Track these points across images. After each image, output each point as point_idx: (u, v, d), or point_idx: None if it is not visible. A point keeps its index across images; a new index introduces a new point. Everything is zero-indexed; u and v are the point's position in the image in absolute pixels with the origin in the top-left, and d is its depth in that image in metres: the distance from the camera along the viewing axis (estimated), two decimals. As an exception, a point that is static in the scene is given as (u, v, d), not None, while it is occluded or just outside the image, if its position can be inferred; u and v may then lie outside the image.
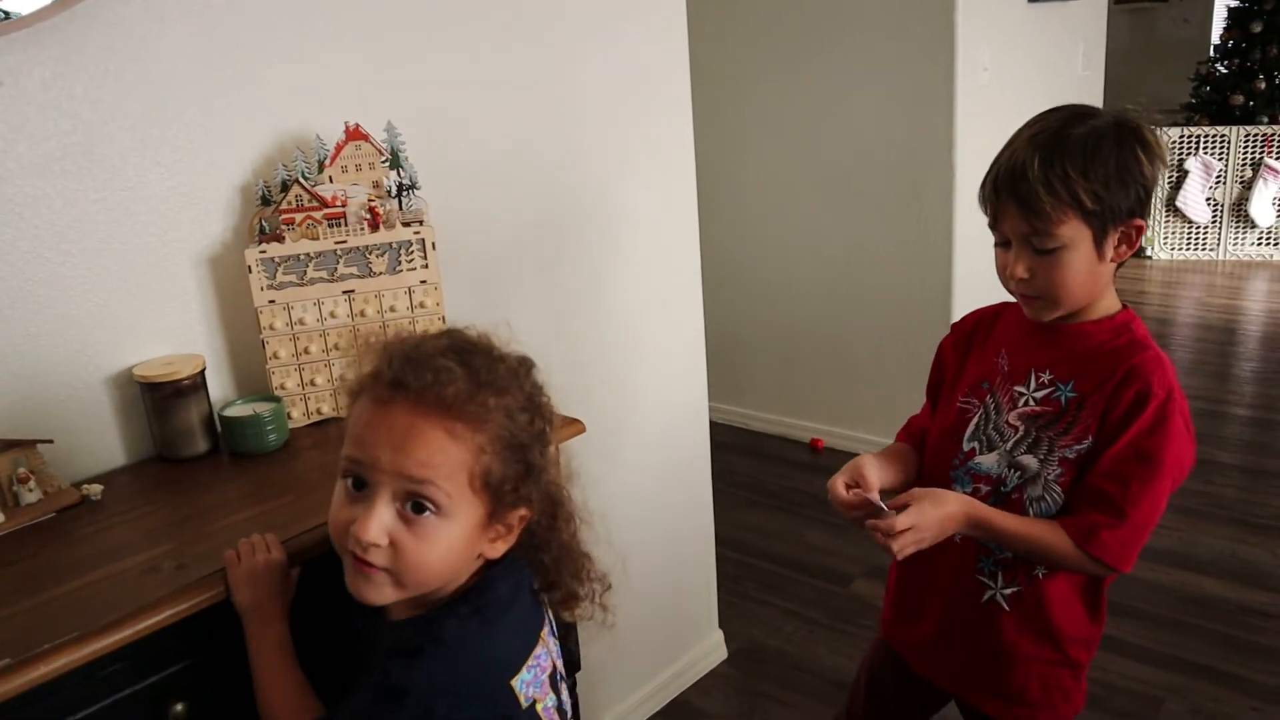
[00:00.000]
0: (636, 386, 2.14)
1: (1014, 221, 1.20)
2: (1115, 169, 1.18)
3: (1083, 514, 1.21)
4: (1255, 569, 2.74)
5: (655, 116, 2.05)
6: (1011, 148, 1.22)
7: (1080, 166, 1.16)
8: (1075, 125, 1.19)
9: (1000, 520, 1.24)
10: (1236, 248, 6.01)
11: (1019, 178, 1.18)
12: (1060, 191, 1.16)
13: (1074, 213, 1.17)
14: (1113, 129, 1.20)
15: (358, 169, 1.40)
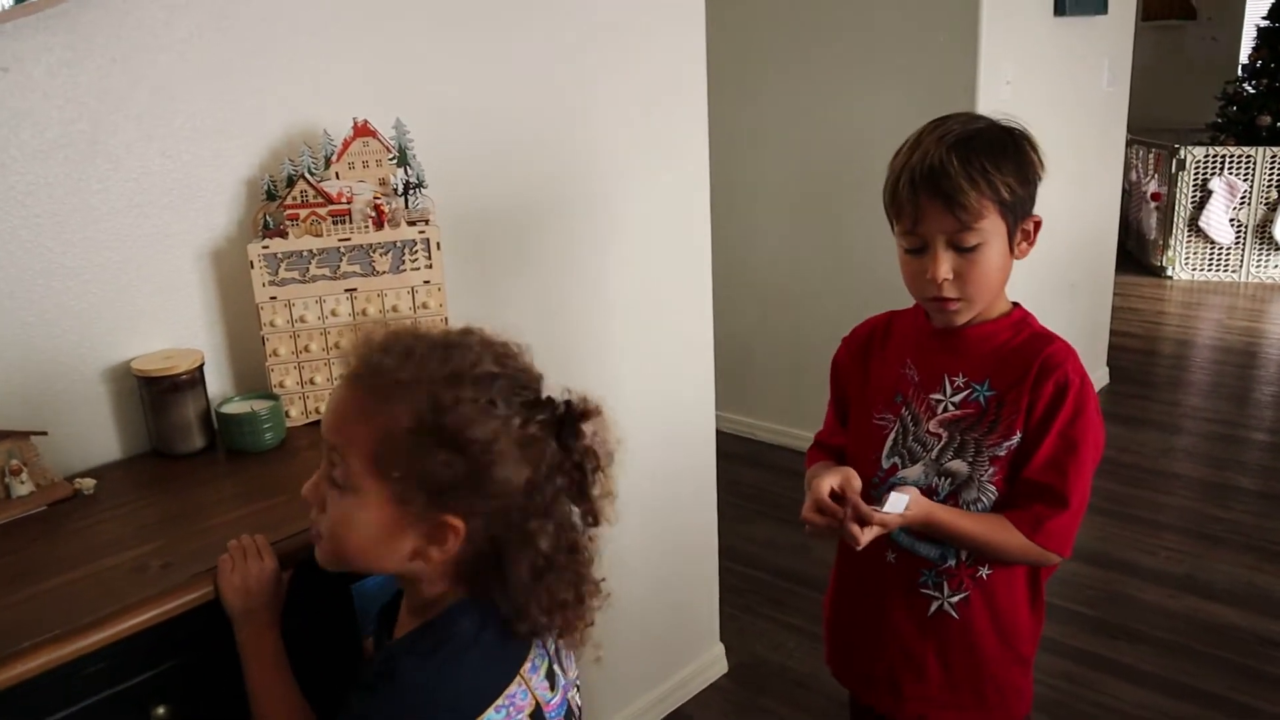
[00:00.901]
0: (642, 393, 2.11)
1: (938, 220, 1.20)
2: (1020, 165, 1.22)
3: (1028, 506, 1.24)
4: (1272, 598, 2.69)
5: (670, 118, 2.02)
6: (920, 149, 1.21)
7: (995, 161, 1.19)
8: (976, 125, 1.22)
9: (953, 517, 1.25)
10: (1260, 270, 5.93)
11: (940, 175, 1.18)
12: (982, 185, 1.18)
13: (994, 206, 1.20)
14: (1006, 130, 1.24)
15: (364, 166, 1.38)
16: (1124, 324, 5.06)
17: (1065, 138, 3.64)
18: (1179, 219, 6.01)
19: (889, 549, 1.34)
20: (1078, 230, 3.90)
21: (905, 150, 1.24)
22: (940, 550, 1.31)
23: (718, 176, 3.79)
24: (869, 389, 1.37)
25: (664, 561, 2.25)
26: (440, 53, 1.59)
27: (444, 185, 1.55)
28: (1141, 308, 5.58)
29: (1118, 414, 4.04)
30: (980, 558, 1.30)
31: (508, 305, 1.79)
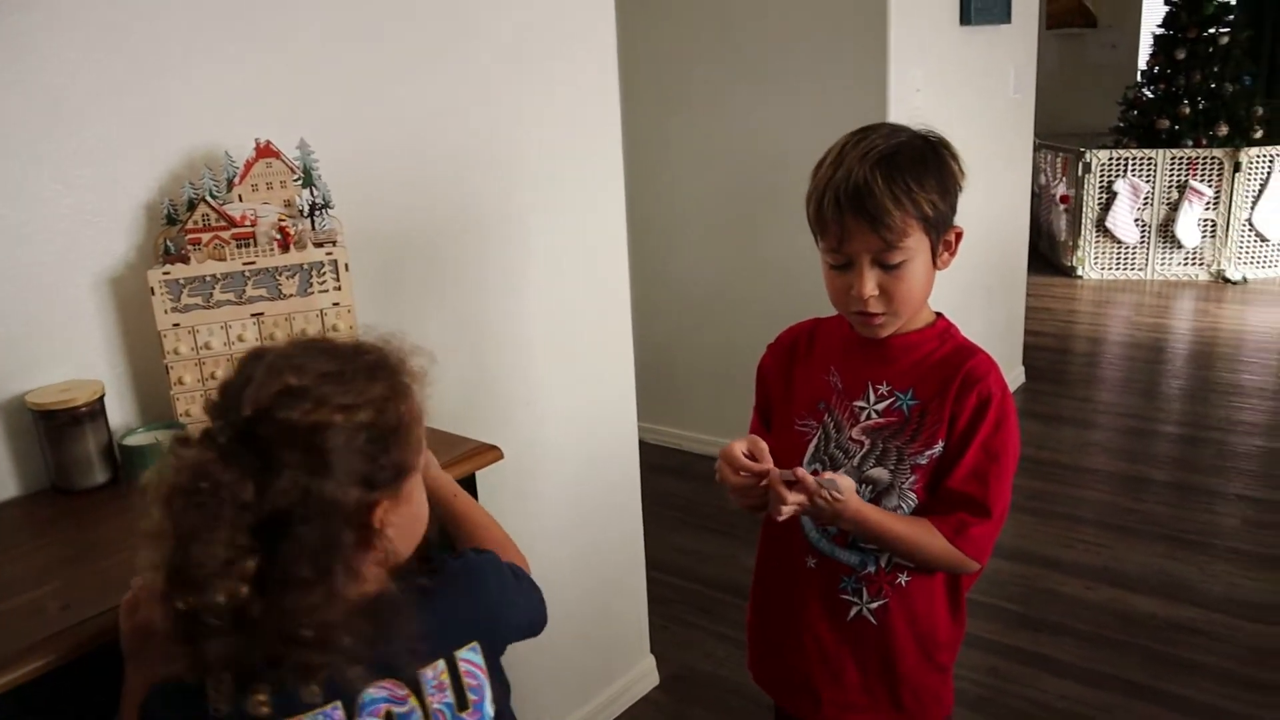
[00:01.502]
0: (562, 407, 2.10)
1: (863, 240, 1.20)
2: (941, 178, 1.23)
3: (950, 513, 1.25)
4: (1184, 585, 2.78)
5: (583, 131, 2.02)
6: (843, 166, 1.21)
7: (917, 178, 1.20)
8: (897, 139, 1.23)
9: (881, 516, 1.25)
10: (1164, 268, 6.14)
11: (865, 195, 1.18)
12: (906, 204, 1.18)
13: (918, 224, 1.21)
14: (927, 142, 1.25)
15: (268, 187, 1.35)
16: (1038, 324, 5.19)
17: (976, 144, 3.72)
18: (1087, 220, 6.20)
19: (809, 555, 1.35)
20: (991, 234, 3.99)
21: (828, 165, 1.24)
22: (860, 556, 1.32)
23: (636, 189, 3.82)
24: (792, 395, 1.38)
25: (590, 575, 2.24)
26: (345, 72, 1.57)
27: (352, 206, 1.52)
28: (1054, 307, 5.73)
29: (1035, 412, 4.14)
30: (901, 562, 1.31)
31: (424, 323, 1.76)
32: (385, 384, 0.94)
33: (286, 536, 0.84)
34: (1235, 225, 5.94)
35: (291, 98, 1.49)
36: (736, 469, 1.23)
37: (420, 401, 0.99)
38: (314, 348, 0.96)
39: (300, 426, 0.87)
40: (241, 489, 0.84)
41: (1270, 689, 2.33)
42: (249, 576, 0.83)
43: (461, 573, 1.02)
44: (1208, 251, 6.04)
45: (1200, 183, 5.90)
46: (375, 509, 0.92)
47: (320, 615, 0.86)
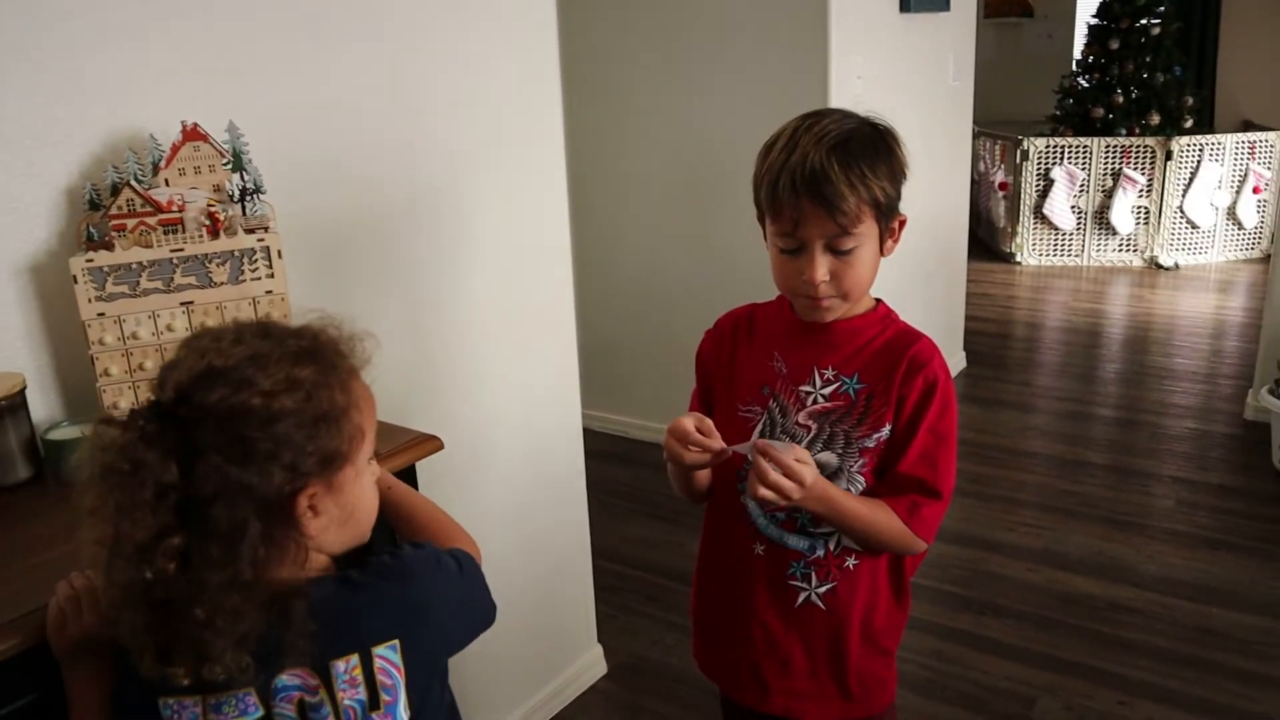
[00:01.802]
0: (504, 395, 2.07)
1: (819, 225, 1.20)
2: (891, 167, 1.23)
3: (903, 494, 1.27)
4: (1122, 566, 2.83)
5: (523, 116, 1.99)
6: (798, 150, 1.20)
7: (871, 165, 1.20)
8: (849, 125, 1.23)
9: (844, 496, 1.26)
10: (1099, 254, 6.26)
11: (821, 180, 1.18)
12: (861, 190, 1.19)
13: (870, 210, 1.21)
14: (877, 130, 1.25)
15: (196, 171, 1.30)
16: (978, 309, 5.26)
17: (916, 131, 3.75)
18: (1025, 207, 6.29)
19: (757, 541, 1.35)
20: (932, 220, 4.03)
21: (781, 148, 1.23)
22: (809, 541, 1.32)
23: (579, 176, 3.79)
24: (735, 381, 1.37)
25: (536, 564, 2.22)
26: (276, 52, 1.52)
27: (286, 191, 1.48)
28: (994, 293, 5.81)
29: (975, 396, 4.19)
30: (849, 545, 1.31)
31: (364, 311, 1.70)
32: (315, 368, 0.92)
33: (203, 517, 0.85)
34: (1167, 213, 6.07)
35: (219, 78, 1.44)
36: (687, 443, 1.21)
37: (359, 389, 0.97)
38: (249, 330, 0.94)
39: (217, 410, 0.86)
40: (164, 470, 0.84)
41: (1202, 665, 2.38)
42: (174, 555, 0.85)
43: (392, 568, 0.98)
44: (1141, 238, 6.17)
45: (1134, 171, 6.02)
46: (298, 497, 0.90)
47: (217, 598, 0.86)
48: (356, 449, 0.95)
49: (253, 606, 0.87)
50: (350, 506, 0.96)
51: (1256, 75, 6.81)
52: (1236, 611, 2.59)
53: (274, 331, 0.94)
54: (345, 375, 0.95)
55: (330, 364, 0.94)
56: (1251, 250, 6.25)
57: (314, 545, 0.95)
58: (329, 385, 0.92)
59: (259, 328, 0.94)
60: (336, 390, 0.92)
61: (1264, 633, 2.50)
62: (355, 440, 0.95)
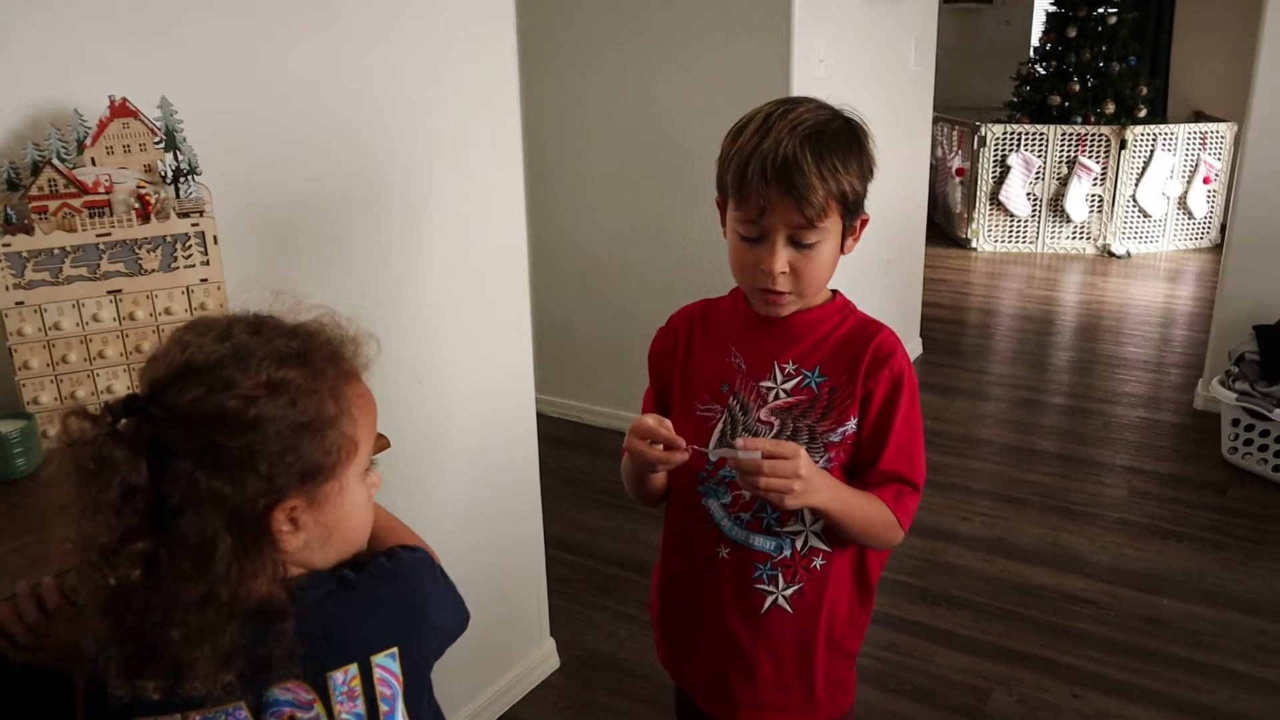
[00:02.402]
0: (457, 385, 2.00)
1: (785, 215, 1.16)
2: (861, 163, 1.20)
3: (886, 485, 1.24)
4: (1073, 555, 2.84)
5: (479, 97, 1.92)
6: (771, 136, 1.16)
7: (843, 159, 1.17)
8: (823, 116, 1.19)
9: (845, 486, 1.22)
10: (1054, 241, 6.30)
11: (794, 169, 1.14)
12: (831, 184, 1.15)
13: (837, 205, 1.18)
14: (850, 125, 1.21)
15: (126, 150, 1.22)
16: (934, 295, 5.27)
17: (877, 115, 3.68)
18: (981, 193, 6.31)
19: (722, 545, 1.30)
20: (891, 205, 4.01)
21: (753, 132, 1.18)
22: (776, 541, 1.28)
23: (535, 157, 3.71)
24: (691, 380, 1.32)
25: (486, 555, 2.16)
26: (215, 25, 1.42)
27: (225, 174, 1.39)
28: (950, 278, 5.83)
29: (932, 384, 4.19)
30: (816, 545, 1.28)
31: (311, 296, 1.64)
32: (303, 371, 0.85)
33: (173, 526, 0.79)
34: (1120, 201, 6.12)
35: (152, 50, 1.34)
36: (652, 440, 1.16)
37: (354, 396, 0.90)
38: (241, 324, 0.87)
39: (189, 412, 0.80)
40: (132, 471, 0.78)
41: (1152, 656, 2.39)
42: (140, 560, 0.79)
43: (390, 570, 0.93)
44: (1094, 226, 6.22)
45: (1089, 159, 6.05)
46: (274, 511, 0.83)
47: (192, 616, 0.80)
48: (346, 461, 0.88)
49: (233, 622, 0.82)
50: (336, 522, 0.89)
51: (1208, 67, 6.89)
52: (1186, 602, 2.61)
53: (267, 328, 0.87)
54: (338, 381, 0.88)
55: (321, 367, 0.87)
56: (1200, 240, 6.33)
57: (294, 562, 0.88)
58: (317, 391, 0.85)
59: (252, 322, 0.87)
60: (326, 397, 0.86)
61: (1212, 623, 2.52)
62: (344, 452, 0.88)
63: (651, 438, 1.16)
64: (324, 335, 0.90)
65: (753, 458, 1.11)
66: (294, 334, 0.88)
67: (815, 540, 1.28)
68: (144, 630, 0.81)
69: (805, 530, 1.28)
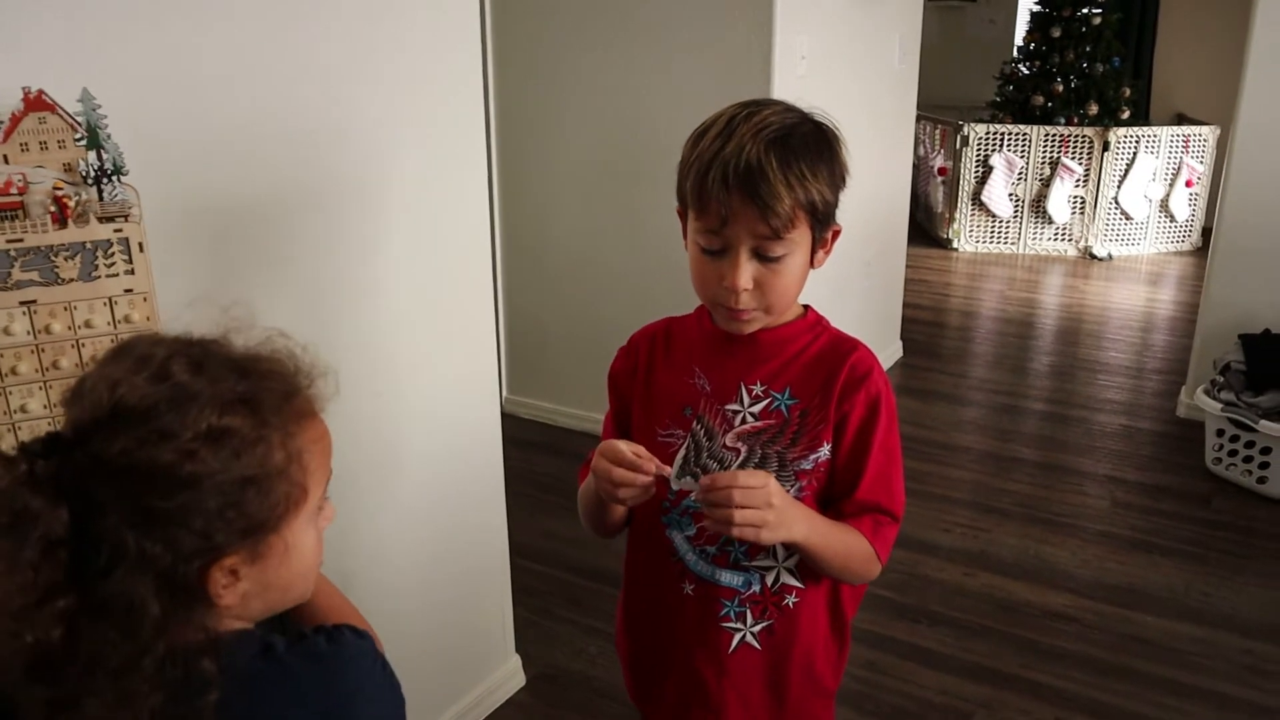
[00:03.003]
0: (416, 391, 1.90)
1: (749, 225, 1.07)
2: (832, 171, 1.12)
3: (863, 516, 1.17)
4: (1055, 569, 2.77)
5: (441, 93, 1.81)
6: (733, 141, 1.07)
7: (811, 166, 1.08)
8: (790, 119, 1.10)
9: (823, 519, 1.14)
10: (1035, 242, 6.25)
11: (759, 177, 1.05)
12: (798, 192, 1.07)
13: (805, 215, 1.09)
14: (820, 129, 1.13)
15: (42, 147, 1.11)
16: (915, 296, 5.20)
17: (861, 114, 3.64)
18: (963, 193, 6.25)
19: (686, 580, 1.21)
20: (873, 204, 3.93)
21: (714, 136, 1.09)
22: (744, 577, 1.20)
23: (508, 156, 3.60)
24: (653, 403, 1.23)
25: (449, 569, 2.06)
26: (145, 7, 1.31)
27: (157, 173, 1.28)
28: (931, 279, 5.77)
29: (911, 388, 4.12)
30: (789, 582, 1.20)
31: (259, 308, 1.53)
32: (251, 420, 0.75)
33: (98, 586, 0.71)
34: (1102, 203, 6.07)
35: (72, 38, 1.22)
36: (621, 463, 1.06)
37: (307, 437, 0.80)
38: (183, 357, 0.76)
39: (116, 464, 0.70)
40: (53, 520, 0.69)
41: (1135, 677, 2.32)
42: (62, 619, 0.70)
43: (327, 656, 0.82)
44: (1076, 228, 6.17)
45: (1071, 160, 6.00)
46: (212, 570, 0.74)
47: (115, 685, 0.72)
48: (294, 511, 0.80)
49: (155, 694, 0.73)
50: (278, 574, 0.81)
51: (1192, 69, 6.85)
52: (1169, 619, 2.55)
53: (211, 363, 0.77)
54: (289, 423, 0.79)
55: (270, 413, 0.77)
56: (1181, 243, 6.29)
57: (230, 615, 0.79)
58: (265, 440, 0.76)
59: (195, 356, 0.77)
60: (275, 446, 0.77)
61: (1196, 642, 2.46)
62: (292, 502, 0.79)
63: (619, 460, 1.07)
64: (277, 370, 0.81)
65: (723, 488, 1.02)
66: (243, 371, 0.78)
67: (788, 577, 1.20)
68: (62, 691, 0.72)
69: (777, 566, 1.20)
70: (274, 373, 0.81)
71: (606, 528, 1.25)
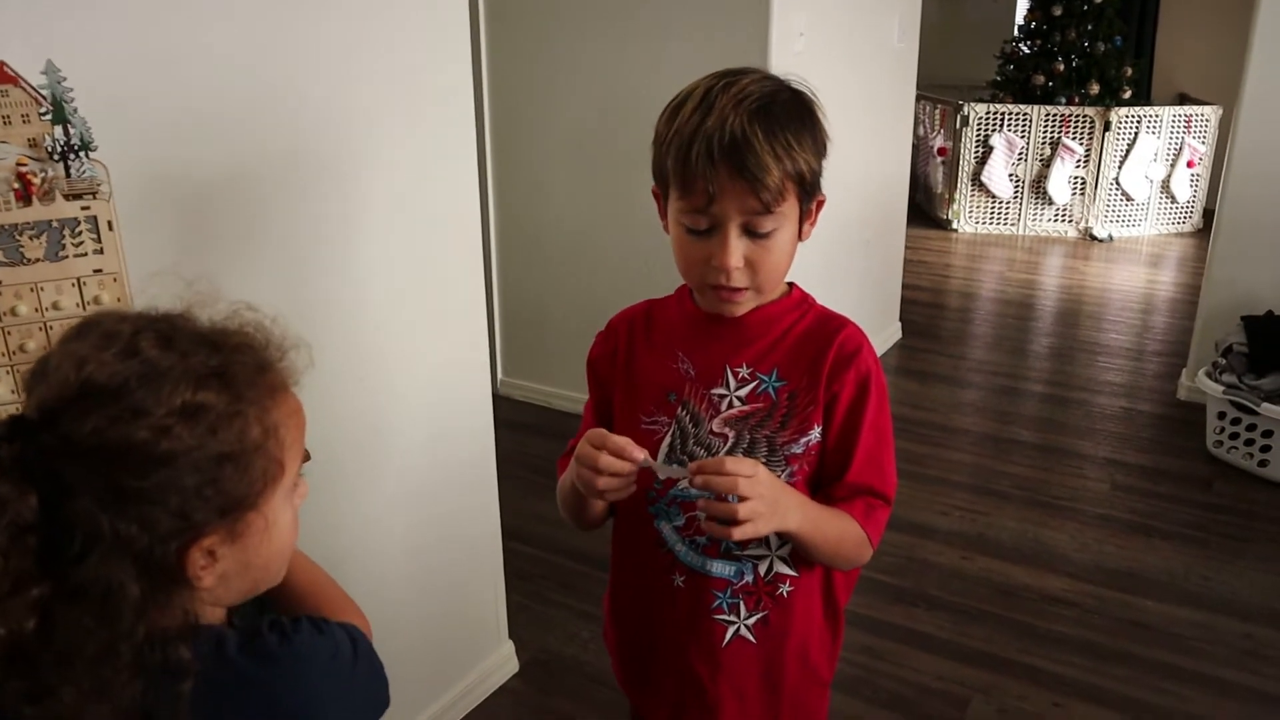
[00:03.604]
0: (406, 373, 1.86)
1: (738, 201, 1.03)
2: (815, 139, 1.08)
3: (854, 499, 1.14)
4: (1054, 553, 2.74)
5: (429, 68, 1.77)
6: (715, 113, 1.02)
7: (796, 135, 1.04)
8: (769, 87, 1.06)
9: (814, 506, 1.10)
10: (1035, 223, 6.20)
11: (744, 149, 1.00)
12: (786, 163, 1.03)
13: (793, 187, 1.05)
14: (800, 97, 1.09)
15: (5, 122, 1.07)
16: (914, 277, 5.16)
17: (860, 92, 3.59)
18: (963, 173, 6.20)
19: (676, 572, 1.18)
20: (872, 184, 3.89)
21: (693, 110, 1.04)
22: (735, 566, 1.16)
23: (502, 134, 3.56)
24: (635, 389, 1.19)
25: (440, 553, 2.03)
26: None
27: (128, 148, 1.24)
28: (930, 260, 5.72)
29: (910, 369, 4.09)
30: (782, 571, 1.16)
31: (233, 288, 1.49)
32: (225, 394, 0.72)
33: (73, 573, 0.68)
34: (1103, 184, 6.02)
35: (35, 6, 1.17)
36: (608, 449, 1.02)
37: (282, 412, 0.78)
38: (150, 332, 0.73)
39: (88, 445, 0.67)
40: (21, 506, 0.66)
41: (1134, 662, 2.30)
42: (35, 609, 0.68)
43: (277, 656, 0.79)
44: (1076, 209, 6.12)
45: (1072, 140, 5.95)
46: (191, 550, 0.72)
47: (89, 674, 0.69)
48: (271, 487, 0.77)
49: (134, 674, 0.71)
50: (258, 553, 0.78)
51: (1194, 49, 6.79)
52: (1169, 604, 2.52)
53: (180, 337, 0.74)
54: (264, 398, 0.76)
55: (245, 387, 0.74)
56: (1182, 224, 6.25)
57: (209, 599, 0.77)
58: (240, 414, 0.73)
59: (163, 330, 0.74)
60: (251, 421, 0.74)
61: (1196, 626, 2.43)
62: (270, 478, 0.76)
63: (609, 448, 1.02)
64: (247, 343, 0.78)
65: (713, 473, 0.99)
66: (214, 345, 0.75)
67: (781, 565, 1.16)
68: (32, 682, 0.70)
69: (770, 555, 1.16)
70: (245, 346, 0.78)
71: (587, 520, 1.20)
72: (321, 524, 1.74)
